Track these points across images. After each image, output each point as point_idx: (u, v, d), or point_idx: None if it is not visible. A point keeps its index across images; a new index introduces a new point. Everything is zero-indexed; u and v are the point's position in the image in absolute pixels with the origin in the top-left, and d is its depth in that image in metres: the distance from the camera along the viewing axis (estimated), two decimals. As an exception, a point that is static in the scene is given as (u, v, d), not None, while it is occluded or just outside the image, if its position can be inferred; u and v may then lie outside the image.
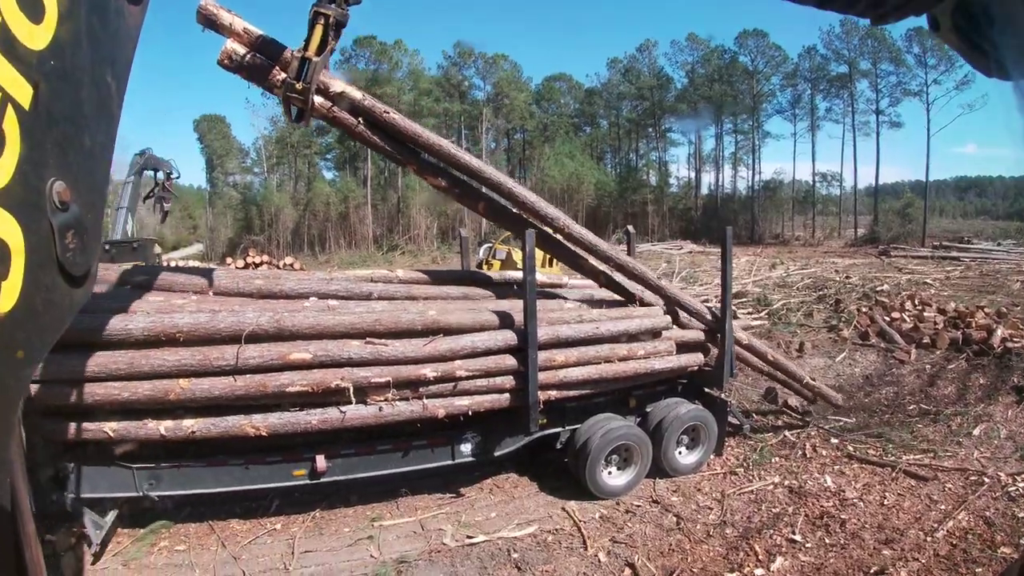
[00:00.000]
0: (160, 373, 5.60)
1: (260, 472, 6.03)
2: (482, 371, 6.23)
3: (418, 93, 57.58)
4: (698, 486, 7.53)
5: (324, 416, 5.83)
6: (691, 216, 61.24)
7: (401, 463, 6.32)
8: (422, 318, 6.04)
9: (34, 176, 0.94)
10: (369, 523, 6.41)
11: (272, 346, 5.69)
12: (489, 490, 6.92)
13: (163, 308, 5.79)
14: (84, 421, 5.77)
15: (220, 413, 5.74)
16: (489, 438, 6.58)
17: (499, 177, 6.80)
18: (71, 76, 1.04)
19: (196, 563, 6.09)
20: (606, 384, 6.98)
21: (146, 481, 5.98)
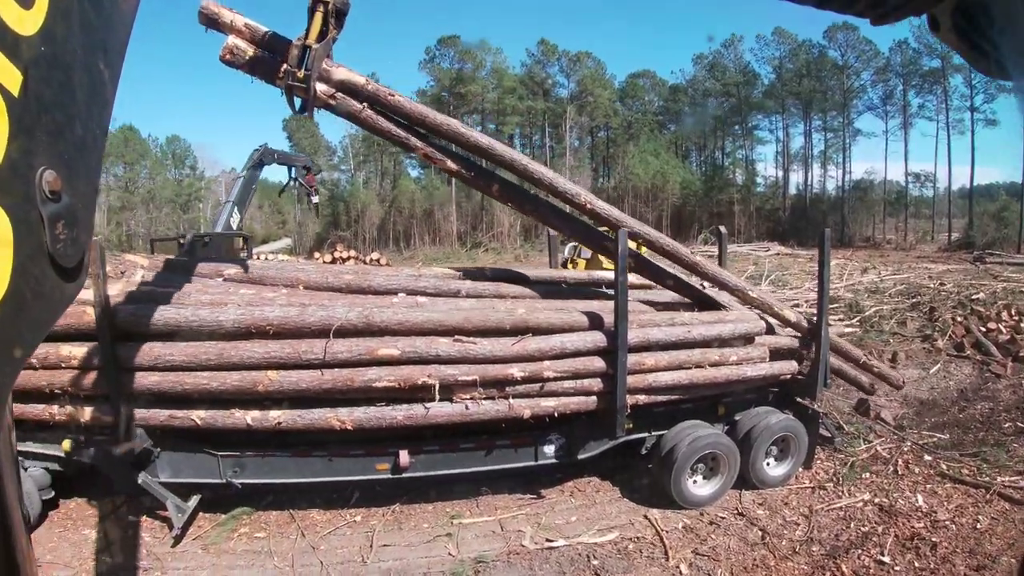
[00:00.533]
0: (249, 364, 5.60)
1: (343, 465, 6.01)
2: (570, 372, 6.00)
3: (502, 92, 57.19)
4: (785, 500, 7.17)
5: (409, 412, 5.73)
6: (778, 217, 58.36)
7: (483, 462, 6.20)
8: (511, 317, 5.84)
9: (23, 165, 0.91)
10: (448, 520, 6.33)
11: (360, 341, 5.60)
12: (570, 493, 6.74)
13: (254, 301, 5.78)
14: (173, 408, 5.83)
15: (307, 405, 5.73)
16: (573, 440, 6.37)
17: (511, 154, 6.40)
18: (62, 62, 1.01)
19: (275, 551, 6.13)
20: (696, 390, 6.66)
21: (230, 468, 6.04)
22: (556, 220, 6.90)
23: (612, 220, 6.50)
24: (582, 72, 59.54)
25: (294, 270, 6.34)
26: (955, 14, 1.23)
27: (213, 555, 6.16)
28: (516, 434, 6.20)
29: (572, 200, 6.44)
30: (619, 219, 6.51)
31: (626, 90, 63.22)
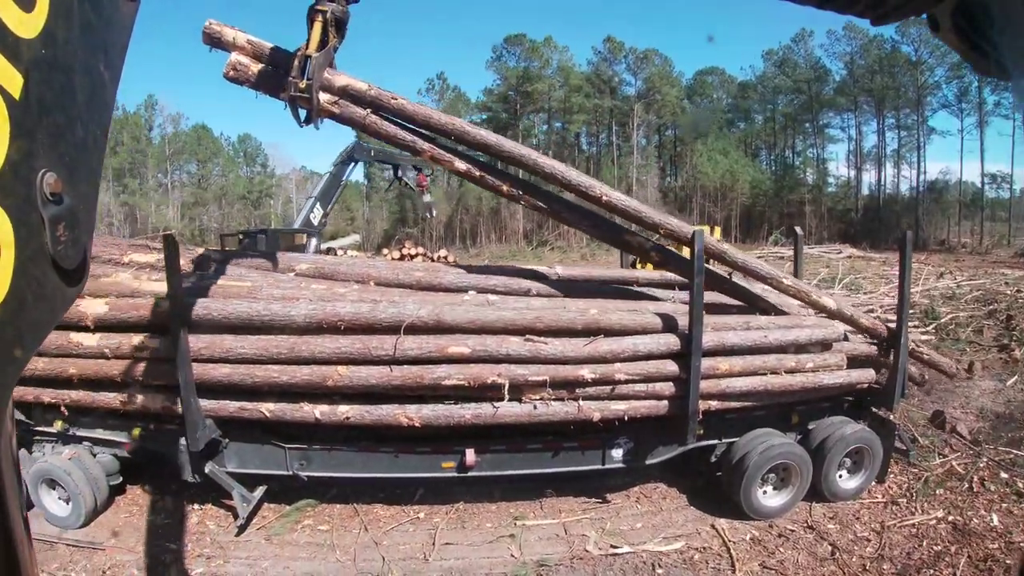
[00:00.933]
0: (320, 359, 5.58)
1: (409, 461, 5.97)
2: (642, 375, 5.83)
3: (568, 90, 57.04)
4: (857, 514, 6.87)
5: (478, 411, 5.64)
6: (850, 218, 56.53)
7: (550, 463, 6.09)
8: (583, 317, 5.69)
9: (24, 167, 0.92)
10: (512, 521, 6.25)
11: (431, 338, 5.52)
12: (636, 499, 6.58)
13: (325, 296, 5.76)
14: (243, 400, 5.86)
15: (375, 401, 5.69)
16: (641, 445, 6.21)
17: (520, 150, 6.17)
18: (63, 65, 1.02)
19: (338, 544, 6.13)
20: (770, 397, 6.41)
21: (297, 461, 6.05)
22: (570, 215, 6.63)
23: (631, 211, 6.16)
24: (649, 70, 58.72)
25: (365, 266, 6.32)
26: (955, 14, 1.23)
27: (276, 546, 6.21)
28: (584, 436, 6.06)
29: (587, 193, 6.14)
30: (637, 210, 6.18)
31: (694, 87, 62.33)
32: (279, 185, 59.67)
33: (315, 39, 5.13)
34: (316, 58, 5.15)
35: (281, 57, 5.55)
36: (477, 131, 6.07)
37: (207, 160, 56.51)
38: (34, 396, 6.42)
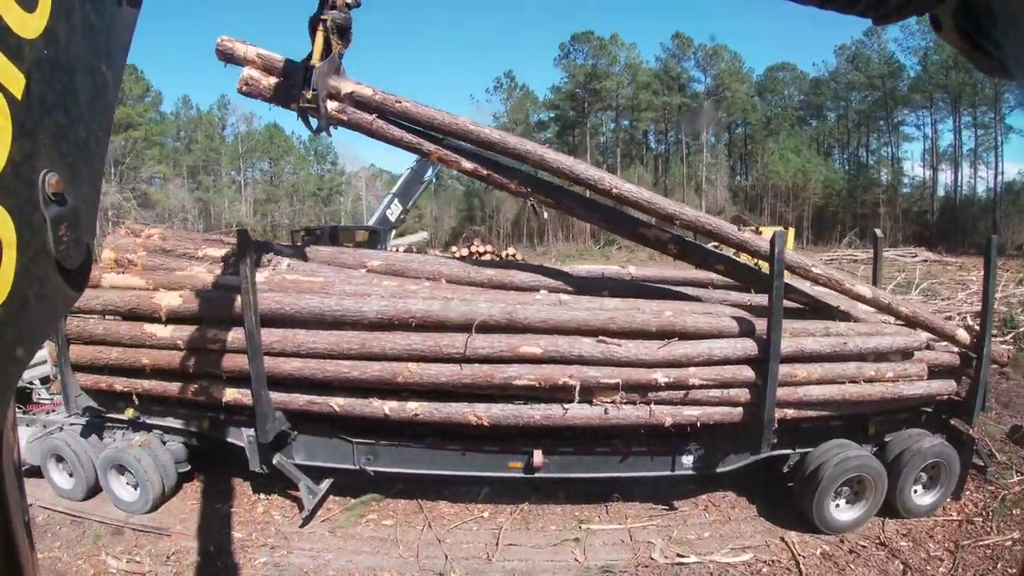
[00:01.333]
0: (390, 356, 5.57)
1: (476, 460, 5.93)
2: (717, 381, 5.66)
3: (636, 87, 56.42)
4: (930, 532, 6.57)
5: (547, 412, 5.56)
6: (926, 220, 53.77)
7: (618, 468, 5.96)
8: (657, 319, 5.54)
9: (26, 167, 0.92)
10: (577, 524, 6.15)
11: (502, 337, 5.45)
12: (704, 507, 6.41)
13: (397, 293, 5.73)
14: (313, 394, 5.88)
15: (444, 399, 5.65)
16: (713, 452, 6.04)
17: (525, 145, 5.98)
18: (65, 65, 1.02)
19: (401, 540, 6.13)
20: (848, 407, 6.16)
21: (364, 456, 6.07)
22: (581, 209, 6.42)
23: (643, 203, 5.88)
24: (719, 66, 57.43)
25: (437, 263, 6.29)
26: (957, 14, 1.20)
27: (340, 539, 6.23)
28: (654, 442, 5.92)
29: (596, 186, 5.91)
30: (650, 200, 5.89)
31: (765, 84, 60.58)
32: (349, 183, 60.89)
33: (318, 48, 5.17)
34: (320, 67, 5.19)
35: (290, 68, 5.61)
36: (480, 129, 5.94)
37: (279, 158, 57.99)
38: (107, 384, 6.56)
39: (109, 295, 6.35)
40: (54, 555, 6.54)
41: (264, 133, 57.09)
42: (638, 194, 5.90)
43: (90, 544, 6.61)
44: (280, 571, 5.85)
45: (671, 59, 58.07)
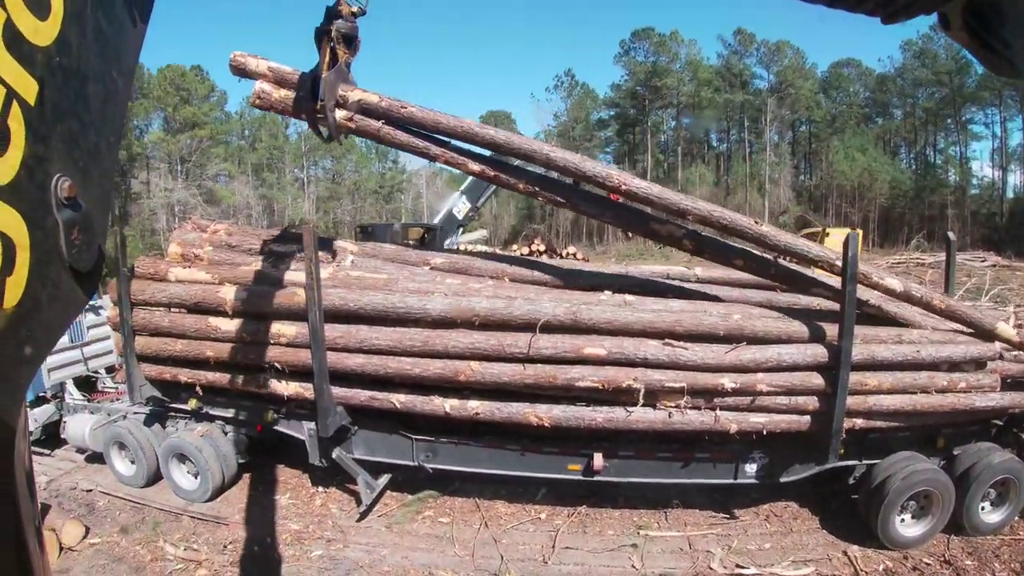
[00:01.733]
0: (452, 354, 5.54)
1: (535, 461, 5.88)
2: (785, 388, 5.50)
3: (698, 84, 55.29)
4: (996, 552, 6.28)
5: (610, 415, 5.47)
6: (994, 222, 51.28)
7: (679, 474, 5.84)
8: (725, 323, 5.41)
9: (39, 172, 0.94)
10: (635, 530, 6.05)
11: (566, 338, 5.38)
12: (765, 517, 6.24)
13: (460, 291, 5.70)
14: (374, 390, 5.89)
15: (506, 398, 5.61)
16: (777, 461, 5.87)
17: (531, 144, 5.87)
18: (77, 72, 1.04)
19: (457, 538, 6.11)
20: (918, 418, 5.94)
21: (423, 453, 6.06)
22: (589, 207, 6.19)
23: (654, 198, 5.64)
24: (781, 62, 55.52)
25: (500, 261, 6.24)
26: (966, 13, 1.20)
27: (396, 534, 6.24)
28: (717, 448, 5.78)
29: (604, 183, 5.72)
30: (661, 196, 5.65)
31: (829, 80, 58.25)
32: (409, 181, 61.20)
33: (325, 59, 5.22)
34: (327, 77, 5.25)
35: (300, 80, 5.67)
36: (485, 130, 5.89)
37: (341, 156, 58.29)
38: (171, 375, 6.68)
39: (175, 288, 6.46)
40: (112, 540, 6.69)
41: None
42: (647, 190, 5.70)
43: (148, 530, 6.75)
44: (335, 564, 5.88)
45: (733, 55, 56.39)
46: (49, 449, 8.75)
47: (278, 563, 5.97)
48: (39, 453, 8.76)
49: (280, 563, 5.96)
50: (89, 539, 6.67)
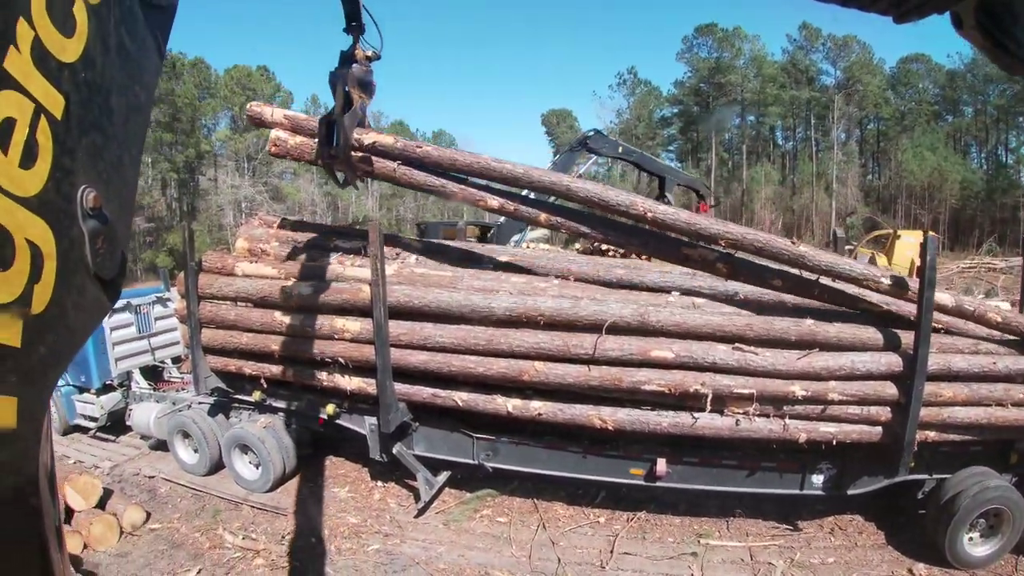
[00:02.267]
0: (517, 353, 5.51)
1: (596, 464, 5.80)
2: (857, 397, 5.32)
3: (763, 80, 53.22)
4: (1068, 575, 5.99)
5: (675, 420, 5.36)
6: None
7: (743, 482, 5.70)
8: (797, 327, 5.26)
9: (66, 183, 0.98)
10: (695, 538, 5.92)
11: (633, 340, 5.30)
12: (829, 530, 6.04)
13: (525, 290, 5.67)
14: (437, 387, 5.89)
15: (569, 400, 5.54)
16: (845, 473, 5.69)
17: (549, 177, 5.81)
18: (101, 87, 1.07)
19: (514, 539, 6.06)
20: (992, 432, 5.68)
21: (484, 451, 6.04)
22: (616, 235, 5.95)
23: (681, 225, 5.43)
24: (848, 58, 52.57)
25: (566, 260, 6.21)
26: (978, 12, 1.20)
27: (453, 532, 6.23)
28: (784, 458, 5.62)
29: (628, 211, 5.56)
30: (688, 223, 5.44)
31: (898, 76, 55.10)
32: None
33: (339, 104, 5.21)
34: (342, 121, 5.23)
35: (314, 126, 5.73)
36: (502, 165, 5.80)
37: None
38: (236, 367, 6.79)
39: (242, 283, 6.58)
40: (173, 526, 6.82)
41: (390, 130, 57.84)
42: (675, 216, 5.50)
43: (209, 518, 6.86)
44: (392, 559, 5.89)
45: (798, 51, 53.76)
46: (114, 435, 9.00)
47: (335, 556, 6.00)
48: (104, 439, 9.02)
49: (337, 556, 5.99)
50: (149, 524, 6.82)
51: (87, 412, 8.78)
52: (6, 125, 0.88)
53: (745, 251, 5.47)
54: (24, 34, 0.90)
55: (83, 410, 8.83)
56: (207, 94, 47.65)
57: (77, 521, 6.60)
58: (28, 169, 0.91)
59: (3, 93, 0.88)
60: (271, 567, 5.94)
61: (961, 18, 1.25)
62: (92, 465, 8.23)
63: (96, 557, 6.26)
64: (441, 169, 5.95)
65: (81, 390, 8.78)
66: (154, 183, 45.93)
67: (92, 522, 6.43)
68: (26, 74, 0.91)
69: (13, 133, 0.89)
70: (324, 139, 5.39)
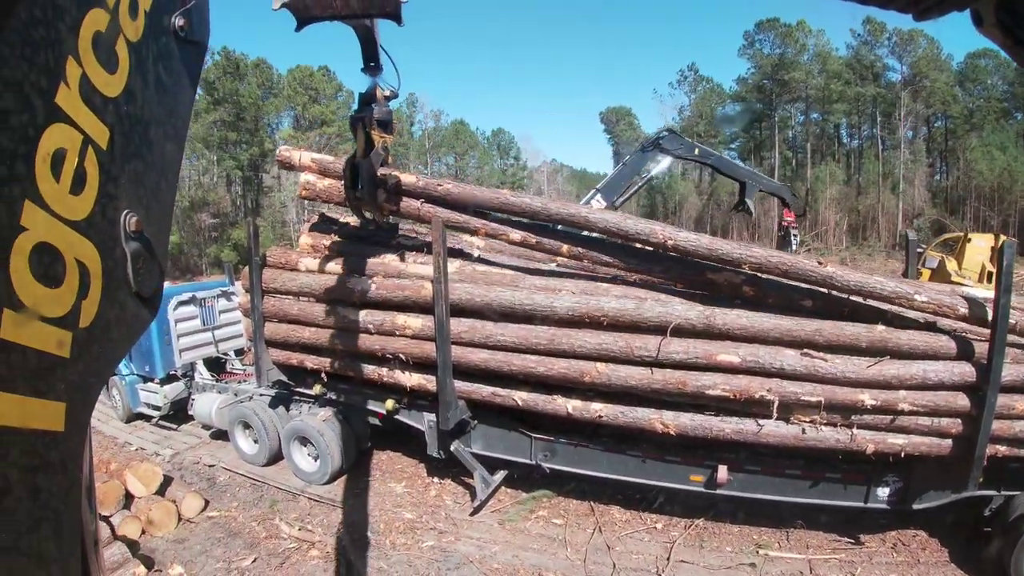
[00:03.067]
0: (579, 354, 5.46)
1: (656, 469, 5.70)
2: (928, 408, 5.13)
3: (827, 77, 51.25)
4: None
5: (739, 427, 5.24)
6: None
7: (806, 493, 5.54)
8: (868, 334, 5.10)
9: (111, 208, 1.06)
10: (754, 548, 5.76)
11: (698, 343, 5.21)
12: (892, 545, 5.83)
13: (589, 290, 5.62)
14: (497, 386, 5.88)
15: (631, 403, 5.47)
16: (911, 486, 5.49)
17: (567, 209, 5.87)
18: (141, 119, 1.16)
19: (569, 541, 5.99)
20: (1070, 449, 5.43)
21: (542, 452, 6.00)
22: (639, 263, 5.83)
23: (703, 251, 5.28)
24: (914, 53, 50.02)
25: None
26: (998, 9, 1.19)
27: (508, 532, 6.18)
28: (849, 469, 5.45)
29: (648, 239, 5.48)
30: (710, 248, 5.27)
31: (966, 72, 52.35)
32: (531, 177, 61.05)
33: (360, 145, 5.30)
34: (365, 162, 5.34)
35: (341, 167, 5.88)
36: (520, 200, 5.95)
37: (464, 153, 59.06)
38: (298, 361, 6.89)
39: (305, 278, 6.68)
40: (230, 515, 6.92)
41: (450, 129, 58.53)
42: (696, 242, 5.35)
43: (266, 508, 6.95)
44: (446, 556, 5.88)
45: (863, 46, 51.16)
46: (176, 424, 9.22)
47: (389, 550, 6.02)
48: (165, 427, 9.24)
49: (392, 551, 6.01)
50: (207, 512, 6.94)
51: (150, 401, 9.02)
52: (58, 155, 0.94)
53: (771, 274, 5.32)
54: (73, 72, 0.98)
55: (147, 399, 9.07)
56: (270, 94, 48.49)
57: (137, 507, 6.77)
58: (77, 195, 0.98)
59: (56, 126, 0.94)
60: (325, 559, 5.99)
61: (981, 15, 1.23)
62: (153, 452, 8.44)
63: (153, 543, 6.39)
64: (462, 205, 6.09)
65: (145, 379, 9.02)
66: (219, 180, 46.90)
67: (151, 508, 6.58)
68: (75, 108, 0.98)
69: (64, 162, 0.96)
70: (349, 182, 5.52)
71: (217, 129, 44.52)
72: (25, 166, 0.89)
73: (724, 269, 5.48)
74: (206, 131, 43.29)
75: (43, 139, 0.92)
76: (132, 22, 1.13)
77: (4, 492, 0.86)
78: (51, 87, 0.94)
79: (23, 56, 0.89)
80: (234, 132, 45.06)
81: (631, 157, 12.90)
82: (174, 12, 1.28)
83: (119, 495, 6.77)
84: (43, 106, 0.93)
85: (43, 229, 0.92)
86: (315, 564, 5.91)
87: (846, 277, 5.13)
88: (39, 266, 0.91)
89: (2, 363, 0.85)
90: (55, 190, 0.94)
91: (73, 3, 0.99)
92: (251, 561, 5.97)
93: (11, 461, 0.87)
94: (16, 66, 0.88)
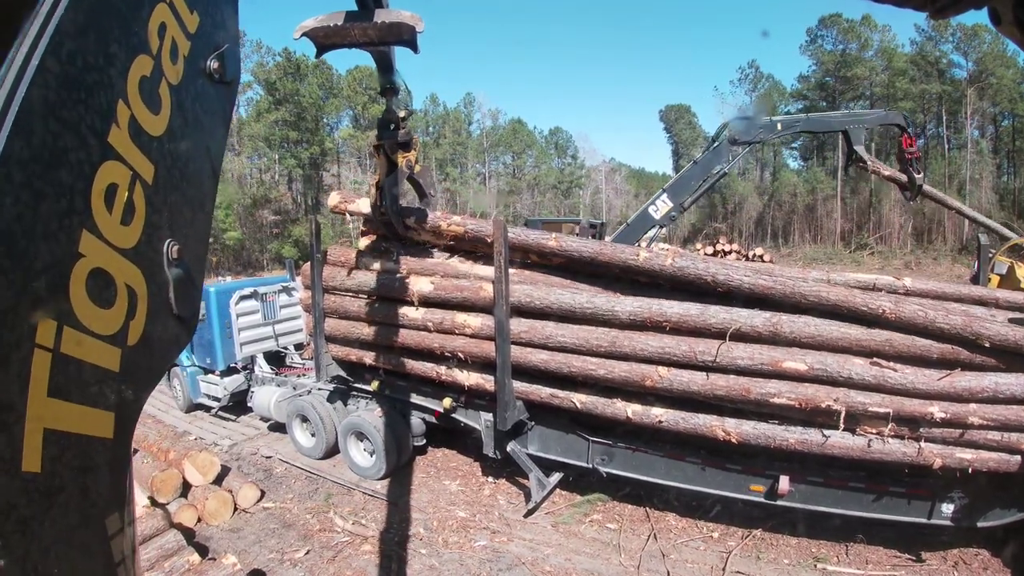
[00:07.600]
0: (640, 357, 5.24)
1: (715, 477, 5.42)
2: (998, 422, 4.80)
3: (892, 73, 48.06)
4: None
5: (804, 437, 4.96)
6: None
7: (869, 507, 5.21)
8: (940, 344, 4.80)
9: (155, 237, 1.14)
10: (812, 562, 5.43)
11: (764, 349, 4.96)
12: (953, 563, 5.45)
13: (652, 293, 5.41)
14: (555, 387, 5.69)
15: (692, 408, 5.22)
16: (977, 503, 5.14)
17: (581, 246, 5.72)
18: (181, 155, 1.23)
19: (624, 547, 5.73)
20: None
21: (599, 455, 5.77)
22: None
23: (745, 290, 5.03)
24: (980, 49, 46.73)
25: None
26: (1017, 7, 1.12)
27: (561, 534, 5.95)
28: (914, 483, 5.12)
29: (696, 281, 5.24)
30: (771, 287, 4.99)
31: None
32: (588, 176, 59.36)
33: (383, 171, 5.42)
34: (387, 184, 5.50)
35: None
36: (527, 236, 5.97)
37: (521, 152, 57.91)
38: (357, 357, 6.80)
39: (364, 276, 6.59)
40: (285, 506, 6.81)
41: (508, 128, 57.52)
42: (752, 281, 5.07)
43: (321, 501, 6.82)
44: (498, 557, 5.67)
45: (927, 42, 47.96)
46: (234, 415, 9.19)
47: (442, 548, 5.83)
48: (224, 418, 9.22)
49: (444, 548, 5.82)
50: (263, 503, 6.84)
51: (210, 392, 9.01)
52: (111, 189, 1.01)
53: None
54: (123, 113, 1.05)
55: (207, 390, 9.07)
56: (330, 94, 48.46)
57: (194, 495, 6.70)
58: (127, 225, 1.06)
59: (109, 163, 1.01)
60: (377, 554, 5.83)
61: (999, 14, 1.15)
62: (212, 443, 8.41)
63: (208, 531, 6.31)
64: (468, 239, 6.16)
65: (206, 371, 9.02)
66: (280, 178, 46.97)
67: (208, 497, 6.51)
68: (125, 147, 1.05)
69: (116, 196, 1.03)
70: (376, 201, 5.71)
71: (279, 128, 44.59)
72: (83, 200, 0.95)
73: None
74: (268, 130, 43.48)
75: (98, 175, 0.99)
76: (173, 66, 1.20)
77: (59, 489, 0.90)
78: (104, 127, 1.00)
79: (80, 99, 0.95)
80: (295, 131, 45.20)
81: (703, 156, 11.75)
82: (209, 56, 1.34)
83: (177, 483, 6.73)
84: (97, 145, 0.99)
85: (98, 256, 0.99)
86: (367, 559, 5.75)
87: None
88: (94, 289, 0.97)
89: (61, 375, 0.90)
90: (108, 221, 1.01)
91: (123, 49, 1.05)
92: (304, 553, 5.83)
93: (66, 463, 0.92)
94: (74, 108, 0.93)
